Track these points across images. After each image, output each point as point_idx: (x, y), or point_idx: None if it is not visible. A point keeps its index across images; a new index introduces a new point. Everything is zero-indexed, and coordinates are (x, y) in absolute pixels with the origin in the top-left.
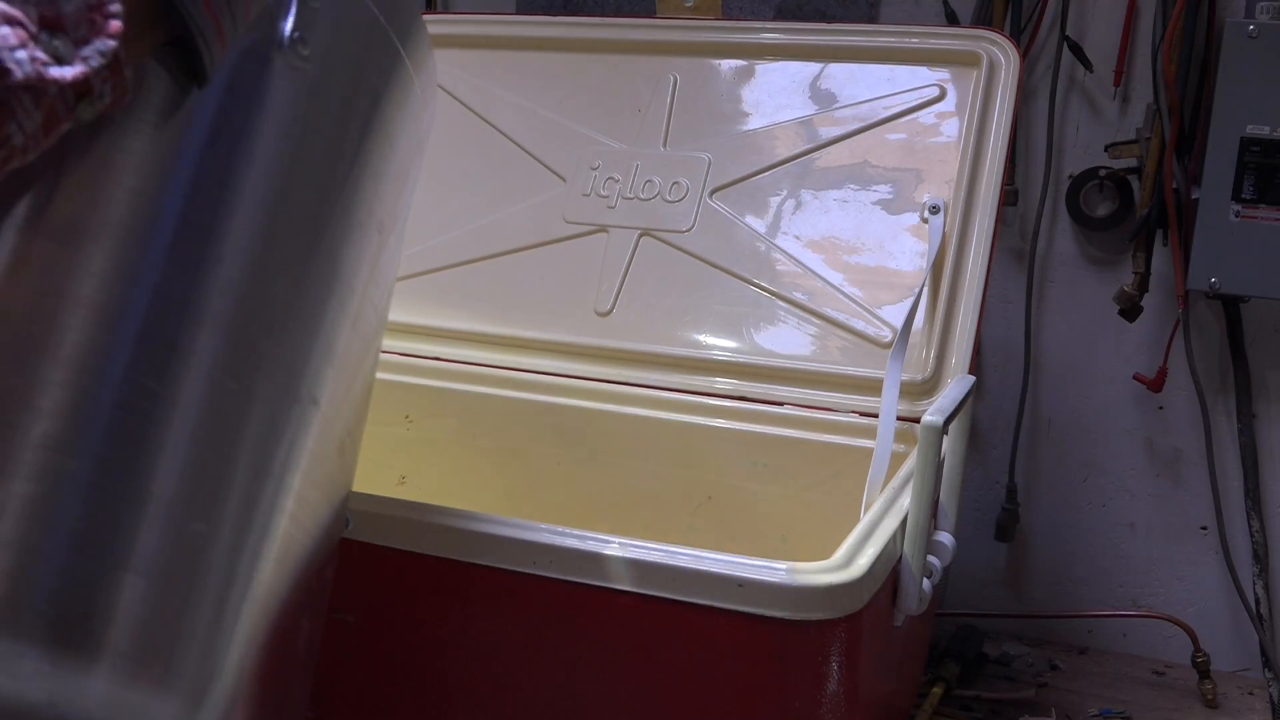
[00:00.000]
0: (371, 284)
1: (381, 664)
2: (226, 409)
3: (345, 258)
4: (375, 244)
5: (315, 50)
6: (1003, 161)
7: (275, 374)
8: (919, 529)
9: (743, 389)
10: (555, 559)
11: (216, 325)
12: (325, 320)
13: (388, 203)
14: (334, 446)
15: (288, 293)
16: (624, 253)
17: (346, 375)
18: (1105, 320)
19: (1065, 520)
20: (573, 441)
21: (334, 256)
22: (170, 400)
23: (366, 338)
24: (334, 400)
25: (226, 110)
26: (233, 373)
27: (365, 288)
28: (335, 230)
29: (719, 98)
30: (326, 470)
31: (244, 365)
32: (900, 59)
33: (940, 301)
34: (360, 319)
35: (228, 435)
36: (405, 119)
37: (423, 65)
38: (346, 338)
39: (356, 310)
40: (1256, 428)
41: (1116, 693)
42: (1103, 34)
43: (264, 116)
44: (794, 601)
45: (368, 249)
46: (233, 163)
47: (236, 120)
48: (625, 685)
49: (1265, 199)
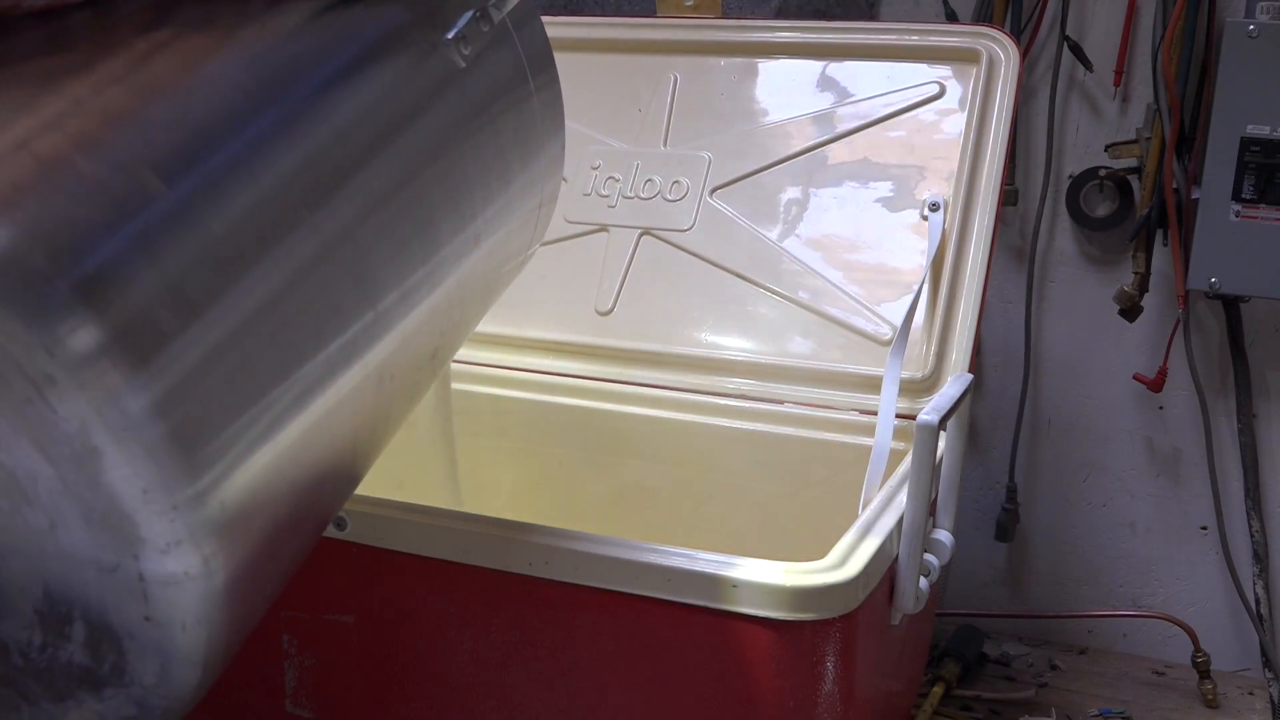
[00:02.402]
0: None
1: (381, 664)
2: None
3: (440, 227)
4: (467, 241)
5: (470, 55)
6: (1003, 158)
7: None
8: (915, 527)
9: (743, 387)
10: (551, 560)
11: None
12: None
13: (483, 208)
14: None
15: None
16: (624, 252)
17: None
18: (1105, 320)
19: (1065, 520)
20: (573, 441)
21: (432, 219)
22: None
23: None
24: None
25: (397, 66)
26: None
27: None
28: (437, 204)
29: (719, 97)
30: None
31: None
32: (900, 56)
33: (940, 299)
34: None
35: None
36: (522, 149)
37: (550, 117)
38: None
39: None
40: (1257, 428)
41: (1116, 693)
42: (1103, 34)
43: (416, 83)
44: (788, 602)
45: (459, 240)
46: (386, 98)
47: (399, 73)
48: (621, 686)
49: (1265, 199)
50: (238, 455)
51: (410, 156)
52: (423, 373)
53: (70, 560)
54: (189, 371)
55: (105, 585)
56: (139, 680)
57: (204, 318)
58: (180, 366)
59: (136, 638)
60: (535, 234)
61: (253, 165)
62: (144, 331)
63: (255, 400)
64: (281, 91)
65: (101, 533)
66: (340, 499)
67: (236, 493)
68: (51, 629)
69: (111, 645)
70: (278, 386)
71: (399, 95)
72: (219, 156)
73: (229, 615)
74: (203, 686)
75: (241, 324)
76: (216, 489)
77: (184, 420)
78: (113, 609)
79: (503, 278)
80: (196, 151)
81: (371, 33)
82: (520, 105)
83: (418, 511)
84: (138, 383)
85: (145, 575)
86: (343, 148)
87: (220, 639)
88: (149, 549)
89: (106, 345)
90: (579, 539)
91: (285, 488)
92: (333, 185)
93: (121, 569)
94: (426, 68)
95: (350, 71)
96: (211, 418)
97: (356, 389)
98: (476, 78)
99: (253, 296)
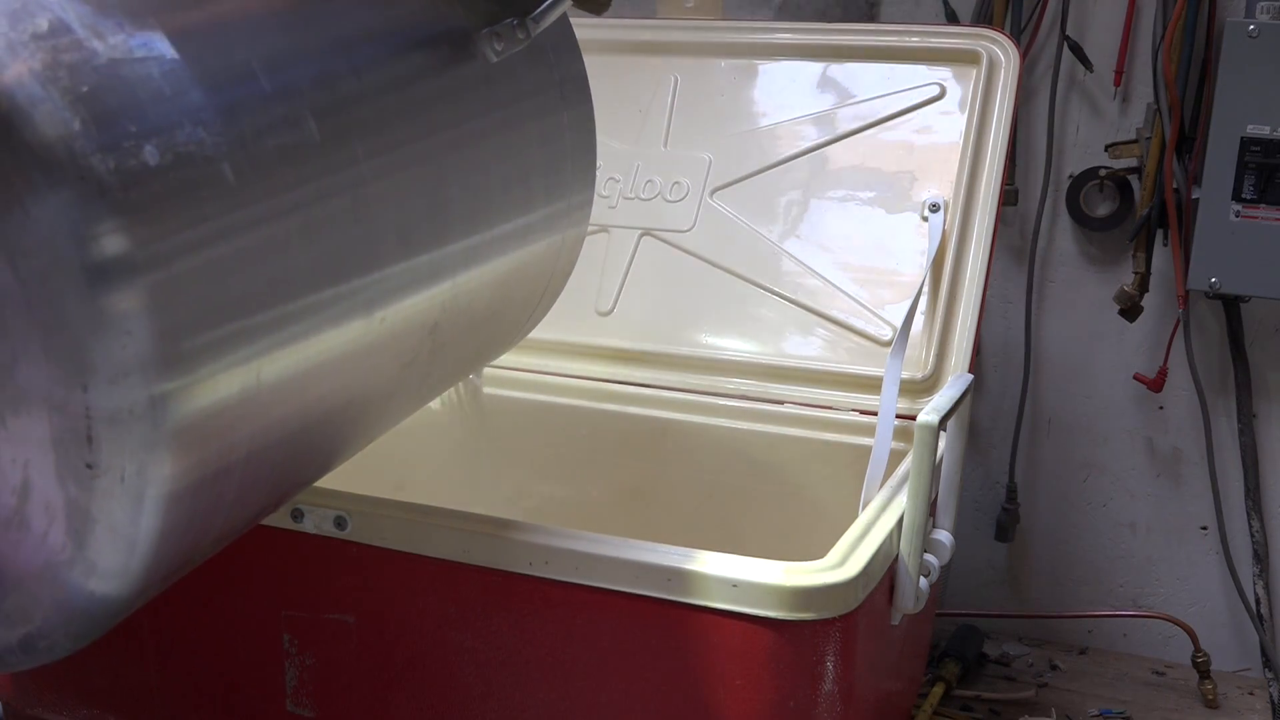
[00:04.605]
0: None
1: (381, 664)
2: None
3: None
4: (477, 216)
5: (500, 52)
6: (1003, 159)
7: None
8: (915, 527)
9: (743, 387)
10: (551, 560)
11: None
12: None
13: (499, 197)
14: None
15: None
16: (625, 252)
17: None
18: (1105, 320)
19: (1065, 520)
20: (573, 440)
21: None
22: None
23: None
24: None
25: (431, 34)
26: None
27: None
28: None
29: (719, 98)
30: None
31: None
32: (900, 58)
33: (940, 300)
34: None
35: None
36: (543, 150)
37: (581, 135)
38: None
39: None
40: (1257, 428)
41: (1116, 693)
42: (1103, 34)
43: (452, 68)
44: (788, 601)
45: (468, 211)
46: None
47: (431, 42)
48: (621, 684)
49: (1265, 199)
50: (205, 326)
51: (427, 119)
52: (419, 341)
53: (25, 402)
54: (167, 205)
55: (55, 429)
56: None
57: (189, 168)
58: (160, 205)
59: (75, 498)
60: (556, 267)
61: (275, 66)
62: (128, 155)
63: (232, 279)
64: (315, 15)
65: (57, 365)
66: (315, 460)
67: (200, 358)
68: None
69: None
70: (260, 285)
71: (423, 56)
72: (246, 51)
73: (167, 498)
74: (124, 594)
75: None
76: (179, 339)
77: (153, 254)
78: (59, 460)
79: (518, 288)
80: (221, 33)
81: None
82: (548, 123)
83: (418, 511)
84: (113, 201)
85: (91, 409)
86: (358, 79)
87: (152, 527)
88: (98, 377)
89: (94, 157)
90: (579, 539)
91: (257, 408)
92: (343, 110)
93: (70, 404)
94: (457, 47)
95: (382, 17)
96: (185, 274)
97: (340, 315)
98: (505, 77)
99: (251, 195)
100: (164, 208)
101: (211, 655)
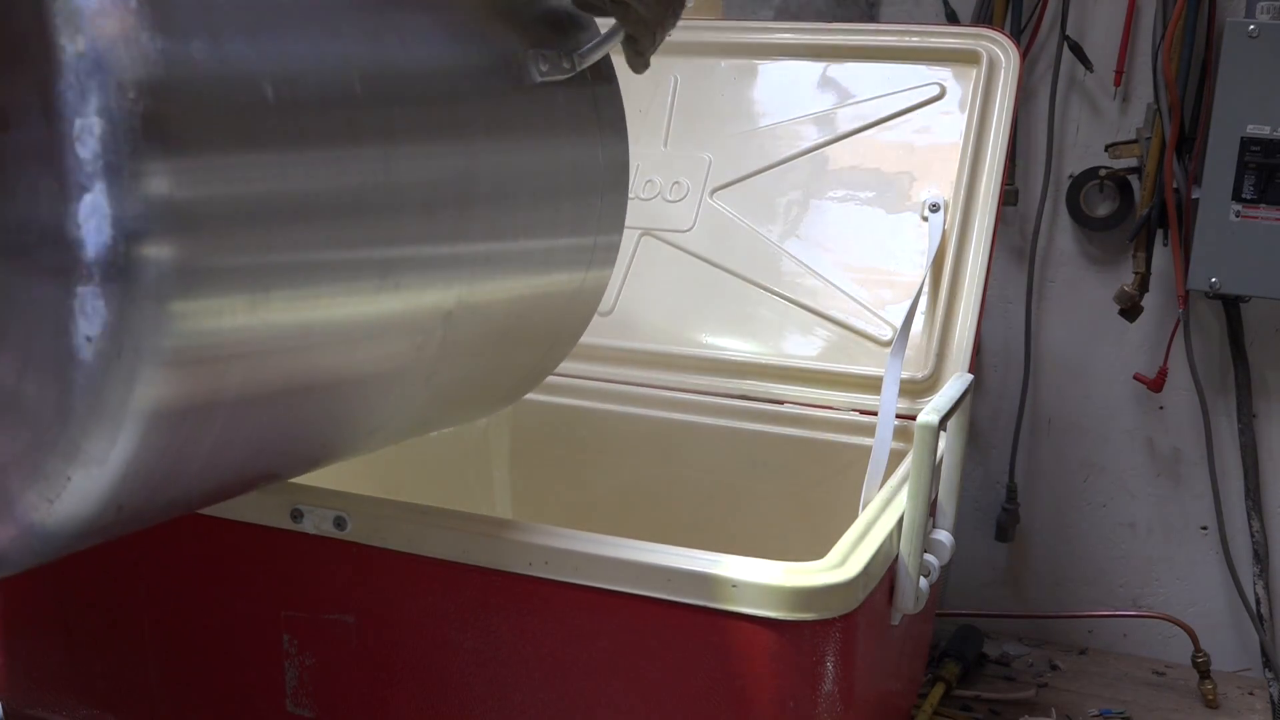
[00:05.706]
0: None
1: (381, 664)
2: None
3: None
4: (502, 216)
5: (545, 73)
6: (1003, 160)
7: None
8: (915, 527)
9: (743, 387)
10: (551, 560)
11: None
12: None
13: (528, 220)
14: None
15: None
16: (625, 252)
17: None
18: (1105, 320)
19: (1065, 520)
20: (573, 441)
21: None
22: None
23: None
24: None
25: (479, 42)
26: None
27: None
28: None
29: (719, 98)
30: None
31: None
32: (900, 58)
33: (940, 299)
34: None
35: None
36: (574, 179)
37: (614, 183)
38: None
39: None
40: (1257, 428)
41: (1116, 693)
42: (1103, 34)
43: (497, 71)
44: (788, 602)
45: (492, 208)
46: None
47: (484, 56)
48: (621, 686)
49: (1265, 199)
50: (222, 227)
51: (465, 106)
52: (430, 323)
53: (36, 271)
54: (207, 96)
55: (56, 297)
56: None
57: (232, 69)
58: (202, 94)
59: (68, 374)
60: (573, 306)
61: (328, 11)
62: (177, 38)
63: (255, 186)
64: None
65: (81, 225)
66: (299, 440)
67: (213, 256)
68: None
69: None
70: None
71: (471, 51)
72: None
73: (153, 404)
74: (107, 494)
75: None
76: (198, 218)
77: (193, 135)
78: (57, 331)
79: (535, 312)
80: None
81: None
82: (584, 155)
83: (418, 512)
84: (158, 72)
85: (103, 274)
86: (404, 48)
87: (135, 423)
88: (121, 234)
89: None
90: (579, 539)
91: (254, 348)
92: (385, 75)
93: (84, 267)
94: (504, 55)
95: (438, 17)
96: (215, 166)
97: (356, 267)
98: (546, 100)
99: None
100: (205, 98)
101: (211, 655)
